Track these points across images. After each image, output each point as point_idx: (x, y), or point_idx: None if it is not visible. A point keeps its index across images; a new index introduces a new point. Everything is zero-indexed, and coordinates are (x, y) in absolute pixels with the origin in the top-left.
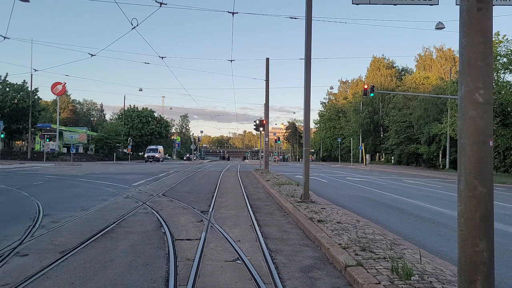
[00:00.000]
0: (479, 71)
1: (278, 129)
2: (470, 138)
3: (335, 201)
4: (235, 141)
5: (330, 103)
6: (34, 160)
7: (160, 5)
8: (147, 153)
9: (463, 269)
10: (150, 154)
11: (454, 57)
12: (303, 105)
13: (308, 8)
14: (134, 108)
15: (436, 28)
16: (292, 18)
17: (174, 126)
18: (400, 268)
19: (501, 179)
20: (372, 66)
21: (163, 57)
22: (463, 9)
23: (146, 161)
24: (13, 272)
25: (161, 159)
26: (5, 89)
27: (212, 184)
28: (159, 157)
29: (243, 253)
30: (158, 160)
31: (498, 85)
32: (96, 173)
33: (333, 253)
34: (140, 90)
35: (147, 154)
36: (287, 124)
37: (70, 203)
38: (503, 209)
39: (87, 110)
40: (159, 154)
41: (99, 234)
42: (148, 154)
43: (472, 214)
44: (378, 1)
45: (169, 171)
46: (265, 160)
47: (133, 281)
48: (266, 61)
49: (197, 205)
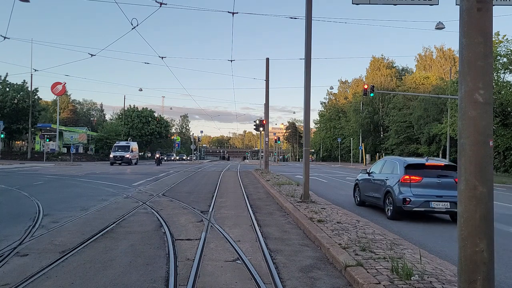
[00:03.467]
0: (479, 71)
1: (278, 129)
2: (470, 138)
3: (335, 201)
4: (235, 141)
5: (330, 103)
6: (34, 160)
7: (160, 5)
8: (114, 152)
9: (463, 269)
10: (117, 153)
11: (454, 57)
12: (303, 105)
13: (308, 8)
14: (134, 108)
15: (436, 28)
16: (292, 18)
17: (174, 126)
18: (400, 268)
19: (501, 179)
20: (372, 66)
21: (163, 57)
22: (463, 9)
23: (112, 163)
24: (13, 272)
25: (134, 160)
26: (5, 89)
27: (212, 184)
28: (130, 158)
29: (243, 253)
30: (130, 161)
31: (498, 85)
32: (96, 173)
33: (333, 253)
34: (140, 90)
35: (114, 154)
36: (287, 124)
37: (70, 203)
38: (503, 209)
39: (87, 110)
40: (131, 154)
41: (99, 234)
42: (115, 153)
43: (472, 214)
44: (378, 1)
45: (169, 171)
46: (265, 160)
47: (133, 281)
48: (266, 61)
49: (197, 205)
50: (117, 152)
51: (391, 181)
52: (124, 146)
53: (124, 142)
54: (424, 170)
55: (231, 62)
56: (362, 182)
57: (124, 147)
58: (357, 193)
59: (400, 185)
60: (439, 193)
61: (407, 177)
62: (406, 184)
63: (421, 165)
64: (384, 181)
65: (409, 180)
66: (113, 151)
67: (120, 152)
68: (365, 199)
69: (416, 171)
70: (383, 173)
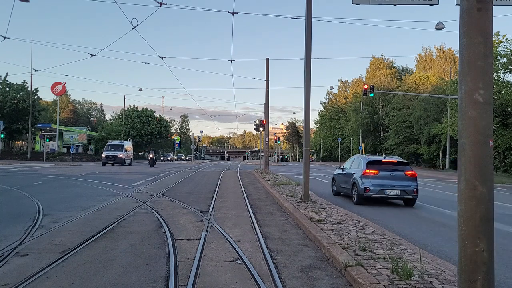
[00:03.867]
0: (479, 71)
1: (278, 129)
2: (470, 138)
3: (335, 201)
4: (235, 141)
5: (330, 103)
6: (34, 160)
7: (160, 5)
8: (106, 152)
9: (463, 269)
10: (109, 153)
11: (454, 57)
12: (303, 105)
13: (308, 8)
14: (134, 108)
15: (436, 28)
16: (292, 18)
17: (174, 126)
18: (400, 268)
19: (501, 179)
20: (372, 66)
21: (163, 57)
22: (463, 9)
23: (104, 163)
24: (13, 272)
25: (128, 160)
26: (5, 89)
27: (212, 184)
28: (124, 158)
29: (243, 253)
30: (123, 162)
31: (498, 85)
32: (96, 173)
33: (333, 253)
34: (140, 90)
35: (106, 153)
36: (287, 124)
37: (70, 203)
38: (503, 209)
39: (87, 110)
40: (124, 154)
41: (99, 234)
42: (107, 153)
43: (472, 214)
44: (378, 1)
45: (169, 171)
46: (265, 160)
47: (133, 281)
48: (266, 61)
49: (197, 205)
50: (110, 151)
51: (356, 174)
52: (117, 145)
53: (118, 141)
54: (381, 165)
55: (231, 62)
56: (337, 176)
57: (118, 146)
58: (334, 185)
59: (363, 177)
60: (392, 183)
61: (367, 171)
62: (367, 177)
63: (379, 161)
64: (352, 174)
65: (369, 173)
66: (106, 150)
67: (113, 152)
68: (339, 190)
69: (375, 166)
70: (352, 168)
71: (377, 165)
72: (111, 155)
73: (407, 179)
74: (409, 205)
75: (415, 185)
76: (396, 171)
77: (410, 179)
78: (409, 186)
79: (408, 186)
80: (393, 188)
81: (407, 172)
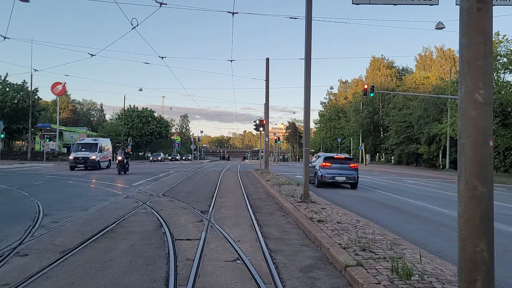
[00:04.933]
0: (479, 71)
1: (278, 129)
2: (470, 138)
3: (335, 201)
4: (235, 141)
5: (330, 103)
6: (34, 160)
7: (160, 5)
8: (75, 152)
9: (463, 269)
10: (79, 154)
11: (454, 57)
12: (303, 105)
13: (308, 8)
14: (134, 108)
15: (436, 28)
16: (292, 18)
17: (174, 126)
18: (400, 268)
19: (501, 179)
20: (372, 66)
21: (163, 57)
22: (463, 9)
23: (72, 167)
24: (13, 272)
25: (105, 163)
26: (5, 89)
27: (212, 184)
28: (98, 160)
29: (243, 253)
30: (96, 165)
31: (498, 85)
32: (96, 173)
33: (333, 253)
34: (140, 90)
35: (75, 155)
36: (287, 124)
37: (70, 203)
38: (503, 209)
39: (87, 110)
40: (99, 155)
41: (99, 234)
42: (76, 154)
43: (472, 214)
44: (378, 1)
45: (169, 171)
46: (265, 160)
47: (133, 281)
48: (266, 61)
49: (197, 205)
50: (80, 152)
51: (317, 166)
52: (90, 144)
53: (91, 138)
54: (333, 160)
55: (231, 62)
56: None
57: (91, 145)
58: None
59: (321, 168)
60: (340, 172)
61: (323, 163)
62: (324, 168)
63: (332, 157)
64: (315, 166)
65: (325, 165)
66: (74, 150)
67: (84, 153)
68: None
69: (329, 160)
70: (315, 162)
71: (331, 160)
72: (81, 156)
73: (350, 169)
74: (353, 187)
75: (356, 173)
76: (343, 163)
77: (353, 169)
78: (352, 174)
79: (351, 174)
80: (340, 176)
81: (351, 164)
